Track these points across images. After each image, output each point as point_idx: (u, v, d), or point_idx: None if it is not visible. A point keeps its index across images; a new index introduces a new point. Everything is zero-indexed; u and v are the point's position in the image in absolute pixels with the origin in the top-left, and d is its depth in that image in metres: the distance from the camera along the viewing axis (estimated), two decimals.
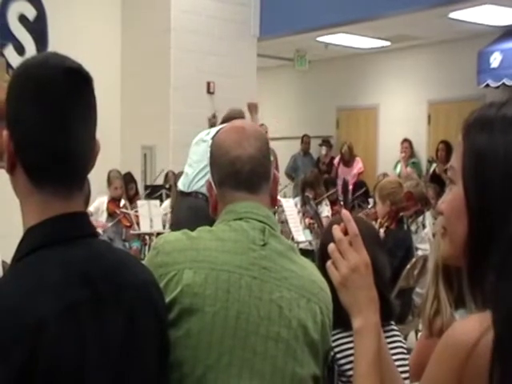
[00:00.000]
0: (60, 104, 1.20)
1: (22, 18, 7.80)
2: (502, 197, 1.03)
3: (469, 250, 1.07)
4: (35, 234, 1.22)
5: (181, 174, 6.37)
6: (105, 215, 6.76)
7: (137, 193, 7.52)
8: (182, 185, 5.36)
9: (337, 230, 1.31)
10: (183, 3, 8.28)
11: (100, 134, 1.30)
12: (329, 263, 1.30)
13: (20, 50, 7.68)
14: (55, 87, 1.20)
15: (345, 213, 1.33)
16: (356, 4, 7.91)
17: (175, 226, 5.38)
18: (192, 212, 5.02)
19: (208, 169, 1.68)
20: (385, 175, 9.03)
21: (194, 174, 5.24)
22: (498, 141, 1.04)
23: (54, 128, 1.20)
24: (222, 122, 5.50)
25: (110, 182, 6.94)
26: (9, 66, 7.44)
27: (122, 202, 6.89)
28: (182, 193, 5.35)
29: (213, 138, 1.70)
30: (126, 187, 7.21)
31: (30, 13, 7.88)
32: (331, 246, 1.30)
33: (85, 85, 1.25)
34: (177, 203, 5.58)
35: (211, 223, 1.64)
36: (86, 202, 3.89)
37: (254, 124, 1.76)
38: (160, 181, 7.78)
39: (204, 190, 5.14)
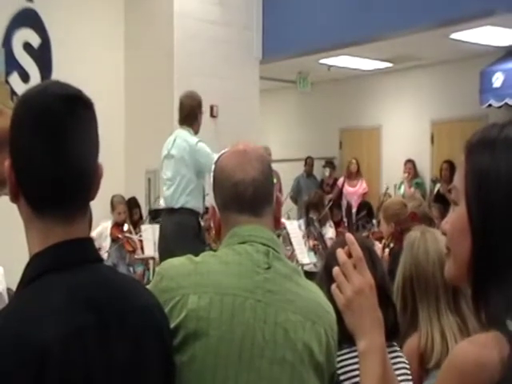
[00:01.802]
0: (59, 132, 1.21)
1: (27, 46, 7.87)
2: (504, 217, 1.03)
3: (473, 270, 1.07)
4: (40, 261, 1.22)
5: None
6: (108, 240, 6.77)
7: (141, 217, 7.52)
8: (165, 201, 5.42)
9: (341, 253, 1.31)
10: (186, 27, 8.34)
11: (104, 159, 1.31)
12: (333, 286, 1.30)
13: (24, 77, 7.74)
14: (54, 115, 1.21)
15: (348, 236, 1.33)
16: (358, 26, 7.96)
17: (162, 242, 5.38)
18: (177, 228, 5.04)
19: (184, 183, 1.70)
20: (386, 194, 9.03)
21: (173, 190, 5.27)
22: (501, 161, 1.05)
23: (53, 156, 1.21)
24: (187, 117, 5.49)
25: (113, 206, 6.96)
26: (13, 93, 7.49)
27: (126, 226, 6.90)
28: (167, 209, 5.39)
29: (216, 163, 1.70)
30: (130, 212, 7.22)
31: (35, 40, 7.95)
32: (336, 270, 1.30)
33: (85, 110, 1.26)
34: (163, 221, 5.59)
35: (197, 237, 1.65)
36: (89, 227, 3.90)
37: (256, 146, 1.76)
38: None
39: (189, 206, 5.17)
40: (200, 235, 5.09)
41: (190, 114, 5.55)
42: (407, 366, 2.13)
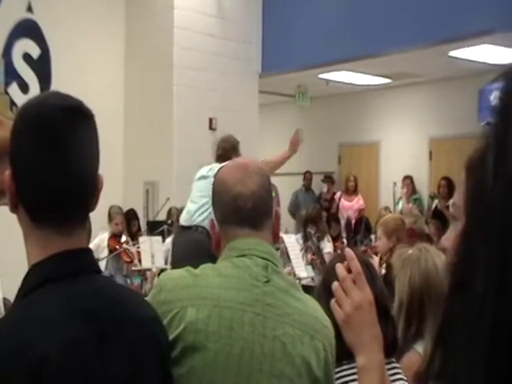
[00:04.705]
0: (58, 143, 1.21)
1: (26, 57, 7.89)
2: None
3: None
4: (39, 271, 1.22)
5: (183, 208, 6.38)
6: (106, 252, 6.75)
7: (139, 229, 7.50)
8: (183, 220, 5.37)
9: (340, 269, 1.31)
10: (185, 40, 8.38)
11: (102, 170, 1.30)
12: (333, 301, 1.30)
13: (24, 88, 7.76)
14: (53, 126, 1.21)
15: (348, 251, 1.33)
16: (357, 42, 8.00)
17: (175, 259, 5.37)
18: (191, 245, 5.02)
19: (209, 204, 1.69)
20: (386, 209, 9.02)
21: (196, 208, 5.25)
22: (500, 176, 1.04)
23: (53, 167, 1.21)
24: (220, 157, 5.54)
25: (110, 217, 6.94)
26: (13, 103, 7.51)
27: (123, 237, 6.88)
28: (183, 227, 5.36)
29: (215, 176, 1.70)
30: (128, 224, 7.21)
31: (34, 51, 7.98)
32: (335, 285, 1.30)
33: (85, 122, 1.26)
34: (177, 237, 5.59)
35: (210, 256, 1.64)
36: (88, 239, 3.90)
37: (256, 160, 1.77)
38: (163, 215, 7.78)
39: (205, 224, 5.15)
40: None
41: (223, 155, 5.65)
42: (406, 383, 2.12)
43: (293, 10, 8.73)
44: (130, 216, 7.40)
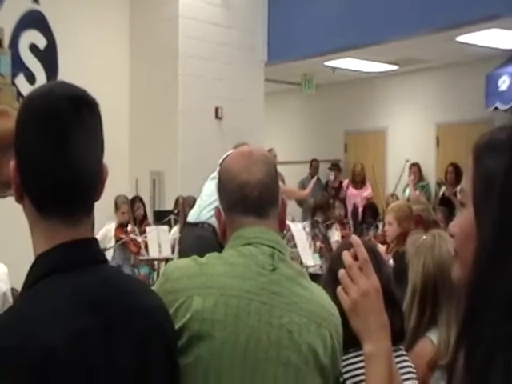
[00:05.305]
0: (63, 133, 1.21)
1: (33, 48, 7.90)
2: None
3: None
4: (44, 261, 1.22)
5: (190, 198, 6.39)
6: (112, 242, 6.77)
7: (145, 216, 7.51)
8: (190, 217, 5.38)
9: (347, 256, 1.30)
10: (191, 29, 8.35)
11: (108, 160, 1.30)
12: (339, 289, 1.29)
13: (31, 78, 7.76)
14: (58, 116, 1.21)
15: (354, 238, 1.33)
16: (363, 28, 7.96)
17: (181, 255, 5.38)
18: (198, 242, 5.02)
19: (217, 202, 1.68)
20: (393, 195, 9.00)
21: (204, 205, 5.26)
22: (509, 164, 1.04)
23: (57, 157, 1.20)
24: None
25: (117, 207, 6.96)
26: (20, 94, 7.51)
27: (129, 227, 6.89)
28: (189, 223, 5.37)
29: (221, 164, 1.69)
30: (132, 208, 7.21)
31: (41, 42, 7.98)
32: (341, 272, 1.29)
33: (90, 111, 1.25)
34: (183, 234, 5.60)
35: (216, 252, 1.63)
36: (91, 230, 3.92)
37: (262, 149, 1.75)
38: (170, 204, 7.78)
39: (211, 221, 5.15)
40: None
41: None
42: (413, 370, 2.12)
43: None
44: (135, 201, 7.40)
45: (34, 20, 7.89)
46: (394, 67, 9.93)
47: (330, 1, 8.39)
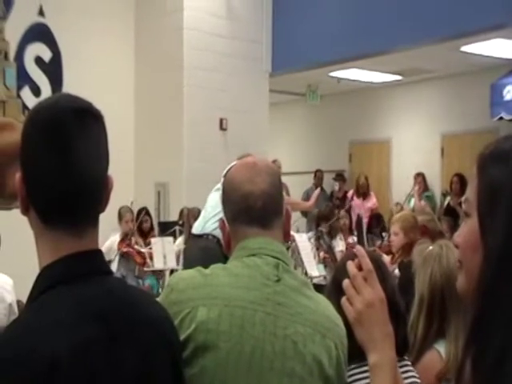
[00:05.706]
0: (68, 144, 1.21)
1: (38, 60, 7.94)
2: None
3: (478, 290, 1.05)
4: (50, 273, 1.23)
5: (195, 209, 6.39)
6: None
7: (152, 228, 7.51)
8: (195, 228, 5.39)
9: (351, 266, 1.30)
10: (195, 40, 8.39)
11: (113, 172, 1.31)
12: (344, 299, 1.29)
13: (36, 91, 7.80)
14: (63, 128, 1.21)
15: (359, 248, 1.33)
16: (367, 39, 7.97)
17: (186, 267, 5.38)
18: (203, 253, 5.02)
19: (222, 214, 1.68)
20: (398, 204, 8.99)
21: (209, 217, 5.26)
22: None
23: (63, 169, 1.21)
24: None
25: (120, 216, 6.96)
26: (25, 107, 7.55)
27: (133, 240, 6.88)
28: (194, 235, 5.37)
29: (225, 175, 1.69)
30: (139, 220, 7.20)
31: (46, 54, 8.02)
32: (346, 282, 1.29)
33: (95, 123, 1.26)
34: (188, 245, 5.60)
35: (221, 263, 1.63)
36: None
37: (266, 159, 1.76)
38: (175, 215, 7.78)
39: (216, 233, 5.15)
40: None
41: None
42: (418, 381, 2.11)
43: (302, 9, 8.71)
44: (143, 213, 7.37)
45: (40, 33, 7.94)
46: (399, 77, 9.94)
47: (335, 11, 8.42)
